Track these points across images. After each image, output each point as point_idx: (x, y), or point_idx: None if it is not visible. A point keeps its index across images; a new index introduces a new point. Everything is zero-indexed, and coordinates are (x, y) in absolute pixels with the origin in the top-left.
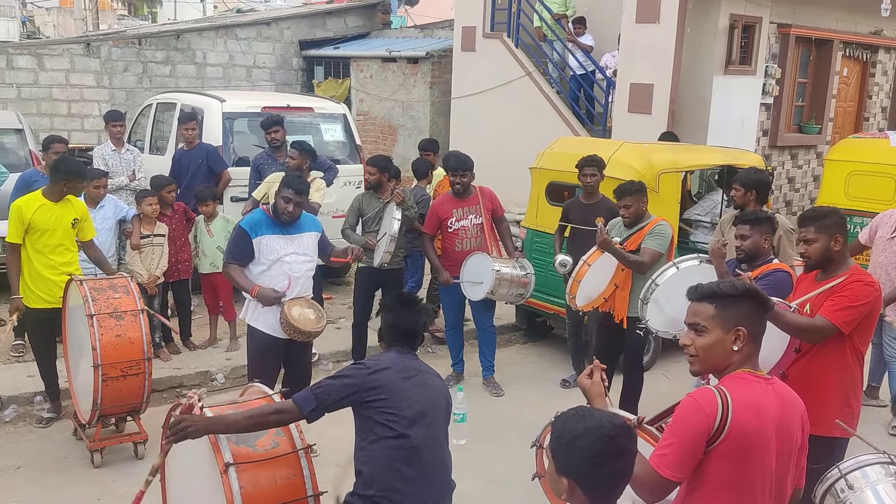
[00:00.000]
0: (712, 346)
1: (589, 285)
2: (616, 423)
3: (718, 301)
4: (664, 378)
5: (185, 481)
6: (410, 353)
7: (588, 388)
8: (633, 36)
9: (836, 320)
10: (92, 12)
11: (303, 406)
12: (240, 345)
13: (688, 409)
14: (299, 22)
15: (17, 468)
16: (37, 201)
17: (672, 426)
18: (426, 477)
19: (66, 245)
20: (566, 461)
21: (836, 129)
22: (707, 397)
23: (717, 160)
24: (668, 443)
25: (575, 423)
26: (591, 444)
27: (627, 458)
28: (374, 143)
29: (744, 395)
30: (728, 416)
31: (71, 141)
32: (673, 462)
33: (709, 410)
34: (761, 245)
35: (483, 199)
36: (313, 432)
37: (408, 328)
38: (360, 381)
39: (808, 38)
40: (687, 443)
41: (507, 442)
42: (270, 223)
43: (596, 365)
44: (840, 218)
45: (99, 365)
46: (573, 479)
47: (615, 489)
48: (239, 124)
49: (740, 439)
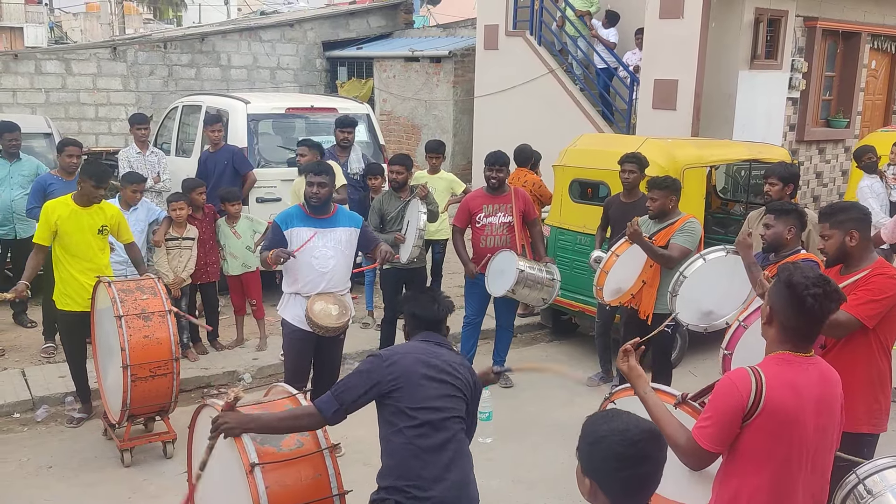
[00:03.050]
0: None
1: (616, 278)
2: (643, 428)
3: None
4: (691, 375)
5: (212, 481)
6: (434, 338)
7: (628, 372)
8: (657, 31)
9: (859, 314)
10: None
11: (325, 410)
12: (267, 345)
13: (724, 388)
14: (322, 23)
15: (49, 467)
16: (65, 206)
17: (711, 403)
18: (449, 467)
19: (96, 249)
20: (589, 462)
21: (864, 122)
22: (742, 377)
23: (743, 155)
24: (707, 416)
25: (601, 425)
26: (612, 447)
27: (649, 465)
28: (398, 143)
29: (780, 374)
30: (762, 394)
31: (98, 144)
32: (711, 434)
33: (742, 389)
34: (784, 236)
35: (516, 200)
36: (338, 432)
37: (428, 316)
38: (377, 373)
39: (835, 30)
40: (724, 418)
41: (534, 441)
42: (303, 216)
43: (626, 348)
44: (858, 213)
45: (128, 366)
46: (595, 481)
47: (636, 494)
48: (263, 126)
49: (775, 415)
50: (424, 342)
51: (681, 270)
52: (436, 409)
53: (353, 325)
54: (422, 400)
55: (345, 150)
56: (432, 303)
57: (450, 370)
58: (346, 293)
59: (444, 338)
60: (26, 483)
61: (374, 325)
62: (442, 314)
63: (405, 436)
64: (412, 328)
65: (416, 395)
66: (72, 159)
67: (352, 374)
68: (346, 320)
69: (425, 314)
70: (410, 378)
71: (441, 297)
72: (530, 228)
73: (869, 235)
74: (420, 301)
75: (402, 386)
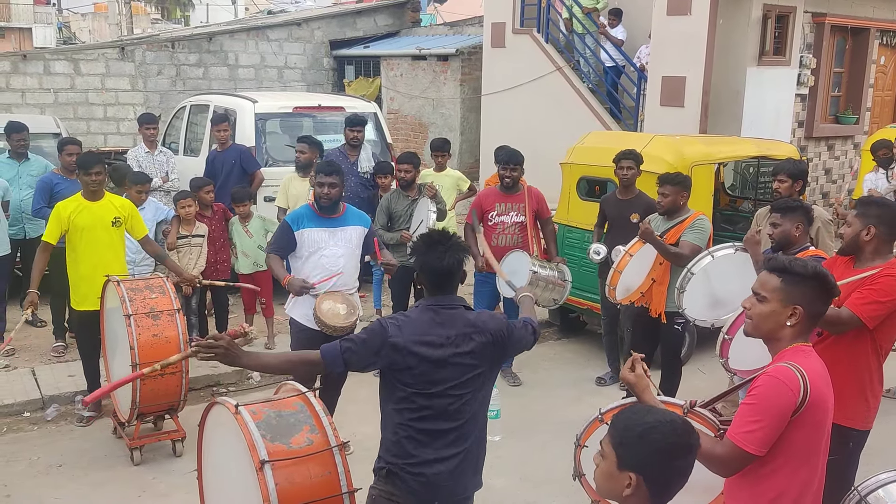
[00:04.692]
0: (767, 316)
1: (629, 277)
2: (683, 419)
3: (786, 276)
4: (700, 373)
5: (221, 479)
6: (446, 302)
7: (634, 383)
8: (664, 28)
9: (862, 314)
10: (126, 17)
11: (330, 365)
12: (276, 343)
13: (774, 389)
14: (329, 22)
15: (60, 466)
16: (76, 202)
17: (758, 407)
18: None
19: (109, 245)
20: (634, 454)
21: (873, 118)
22: (789, 376)
23: (751, 152)
24: (755, 419)
25: (645, 416)
26: (665, 437)
27: (693, 455)
28: (405, 142)
29: (811, 366)
30: (808, 390)
31: (107, 144)
32: (761, 438)
33: (793, 388)
34: (791, 233)
35: (529, 199)
36: (347, 429)
37: (440, 268)
38: (381, 340)
39: (843, 26)
40: (776, 420)
41: (542, 439)
42: (313, 216)
43: (636, 357)
44: (882, 210)
45: (137, 364)
46: (640, 474)
47: (678, 484)
48: (271, 125)
49: (815, 408)
50: (433, 310)
51: (689, 267)
52: (436, 394)
53: (362, 323)
54: (423, 379)
55: (355, 148)
56: (445, 254)
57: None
58: (354, 292)
59: (455, 298)
60: (36, 482)
61: None
62: (457, 268)
63: (404, 413)
64: (426, 282)
65: (417, 370)
66: (72, 158)
67: (359, 339)
68: (354, 319)
69: (436, 266)
70: (413, 352)
71: (455, 247)
72: (543, 227)
73: (891, 237)
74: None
75: (404, 356)
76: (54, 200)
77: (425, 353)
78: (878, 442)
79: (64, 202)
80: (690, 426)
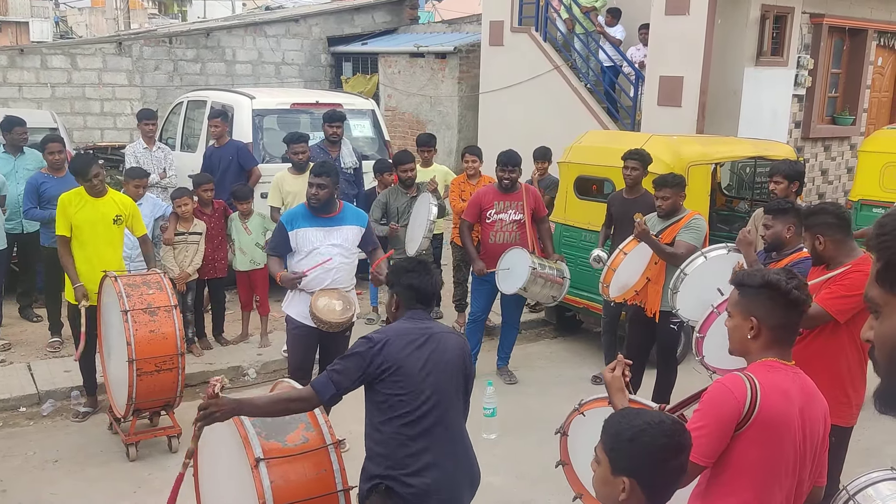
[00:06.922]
0: (733, 331)
1: (623, 275)
2: (670, 419)
3: (742, 289)
4: (695, 373)
5: (217, 476)
6: (422, 316)
7: (609, 382)
8: (662, 28)
9: (830, 308)
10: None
11: (322, 393)
12: (270, 341)
13: (719, 395)
14: (327, 18)
15: (55, 461)
16: (79, 196)
17: (702, 412)
18: (441, 455)
19: (108, 241)
20: (627, 458)
21: (870, 119)
22: (736, 383)
23: (748, 152)
24: (697, 426)
25: (633, 420)
26: (655, 439)
27: (686, 454)
28: (403, 139)
29: (771, 380)
30: (756, 401)
31: (104, 139)
32: (703, 446)
33: (739, 395)
34: (783, 235)
35: (527, 198)
36: (343, 427)
37: (425, 289)
38: (368, 357)
39: (841, 27)
40: (719, 428)
41: (538, 437)
42: (308, 215)
43: (620, 360)
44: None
45: (133, 360)
46: (633, 478)
47: (674, 485)
48: (268, 121)
49: (767, 423)
50: (412, 321)
51: (682, 268)
52: (425, 398)
53: (358, 320)
54: (411, 386)
55: (334, 144)
56: (429, 276)
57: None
58: (350, 289)
59: (429, 315)
60: (32, 477)
61: (378, 321)
62: (436, 290)
63: (394, 424)
64: (406, 300)
65: (404, 381)
66: (54, 156)
67: (346, 358)
68: (350, 316)
69: (422, 287)
70: (399, 364)
71: (434, 271)
72: (539, 225)
73: (843, 235)
74: (418, 276)
75: (391, 369)
76: (42, 200)
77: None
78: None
79: (67, 194)
80: (681, 425)
